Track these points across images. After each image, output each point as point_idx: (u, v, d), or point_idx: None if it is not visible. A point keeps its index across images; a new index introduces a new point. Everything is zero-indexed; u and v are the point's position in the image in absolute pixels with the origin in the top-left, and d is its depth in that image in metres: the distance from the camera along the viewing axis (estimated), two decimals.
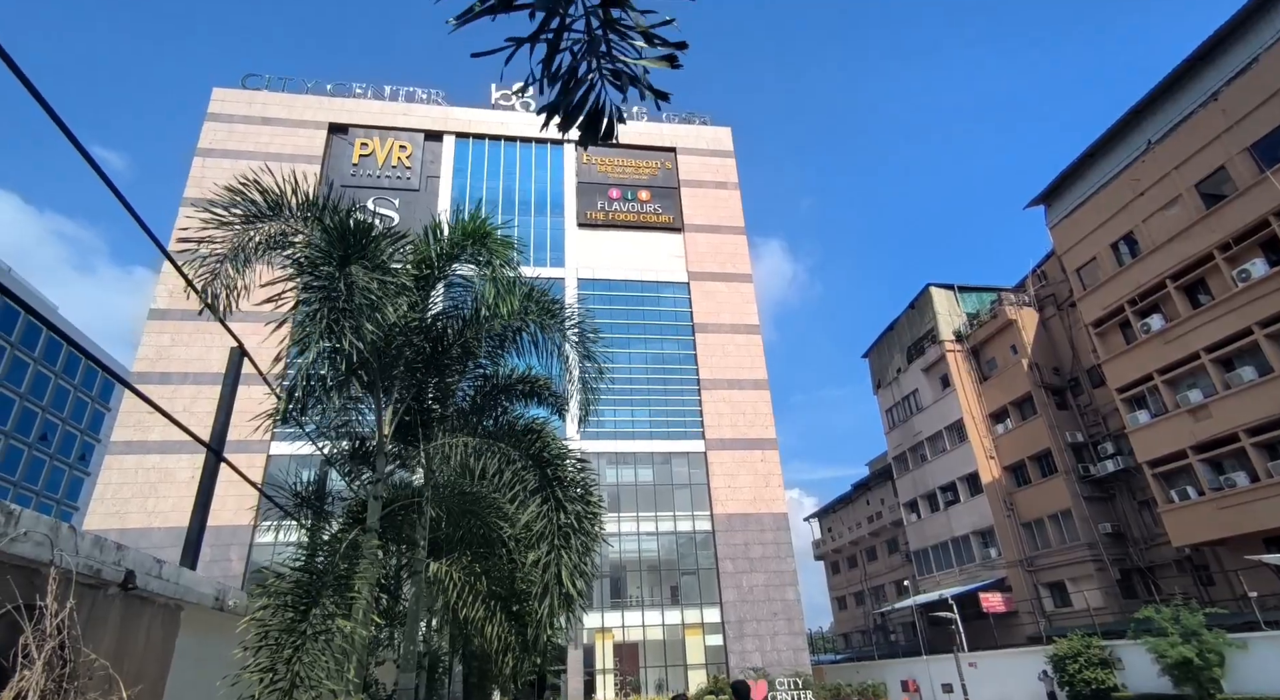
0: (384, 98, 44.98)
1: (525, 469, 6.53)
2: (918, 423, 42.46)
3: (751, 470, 39.48)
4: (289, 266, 6.40)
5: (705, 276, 44.55)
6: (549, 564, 5.90)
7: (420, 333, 7.63)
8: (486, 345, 8.77)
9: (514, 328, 8.51)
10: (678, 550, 38.31)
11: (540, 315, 8.49)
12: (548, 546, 5.97)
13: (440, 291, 8.40)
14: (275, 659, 4.71)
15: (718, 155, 48.83)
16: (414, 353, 7.54)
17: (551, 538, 6.03)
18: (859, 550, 55.83)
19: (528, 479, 6.44)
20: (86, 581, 4.22)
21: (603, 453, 39.40)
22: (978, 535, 37.49)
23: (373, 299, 5.96)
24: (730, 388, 41.25)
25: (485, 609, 6.47)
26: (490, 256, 7.75)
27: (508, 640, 6.33)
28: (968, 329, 40.13)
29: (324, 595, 5.02)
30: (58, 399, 52.10)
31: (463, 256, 7.93)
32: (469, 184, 44.50)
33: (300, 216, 6.50)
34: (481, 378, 9.28)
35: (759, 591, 37.02)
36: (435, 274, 7.84)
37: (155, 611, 4.99)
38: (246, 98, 41.90)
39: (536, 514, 6.11)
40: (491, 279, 7.59)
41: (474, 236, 7.90)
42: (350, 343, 5.78)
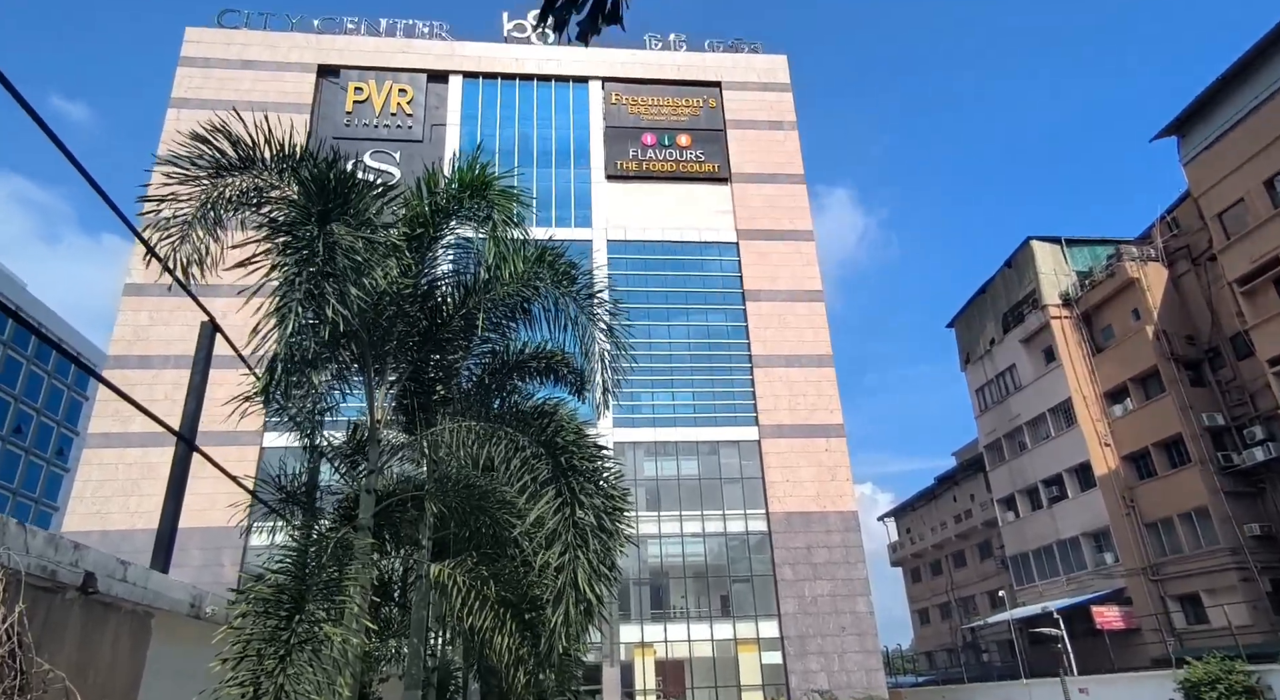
0: (379, 33, 45.15)
1: (536, 457, 6.46)
2: (1015, 404, 41.40)
3: (814, 461, 39.15)
4: (265, 227, 6.39)
5: (757, 234, 43.91)
6: (563, 566, 5.84)
7: (415, 302, 7.59)
8: (494, 316, 8.70)
9: (523, 296, 8.41)
10: (728, 554, 38.40)
11: (554, 280, 8.36)
12: (561, 546, 5.91)
13: (438, 255, 8.34)
14: (258, 672, 4.77)
15: (771, 89, 47.77)
16: (408, 325, 7.49)
17: (566, 536, 5.96)
18: (944, 555, 55.17)
19: (538, 468, 6.37)
20: (40, 584, 4.30)
21: (639, 442, 39.59)
22: (1089, 538, 36.59)
23: (358, 261, 5.90)
24: (788, 365, 40.81)
25: (494, 617, 6.47)
26: (491, 211, 7.61)
27: (519, 652, 6.32)
28: (1077, 290, 38.75)
29: (310, 600, 5.05)
30: (30, 387, 54.61)
31: (460, 212, 7.82)
32: (479, 132, 44.49)
33: (275, 168, 6.47)
34: (490, 354, 9.25)
35: (824, 602, 36.93)
36: (430, 233, 7.76)
37: (122, 619, 5.10)
38: (224, 38, 42.53)
39: (548, 509, 6.04)
40: (492, 237, 7.46)
41: (472, 188, 7.77)
42: (335, 311, 5.75)
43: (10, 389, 53.34)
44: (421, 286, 7.90)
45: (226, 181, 6.64)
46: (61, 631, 4.57)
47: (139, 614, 5.29)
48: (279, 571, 5.29)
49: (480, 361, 9.20)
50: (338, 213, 6.30)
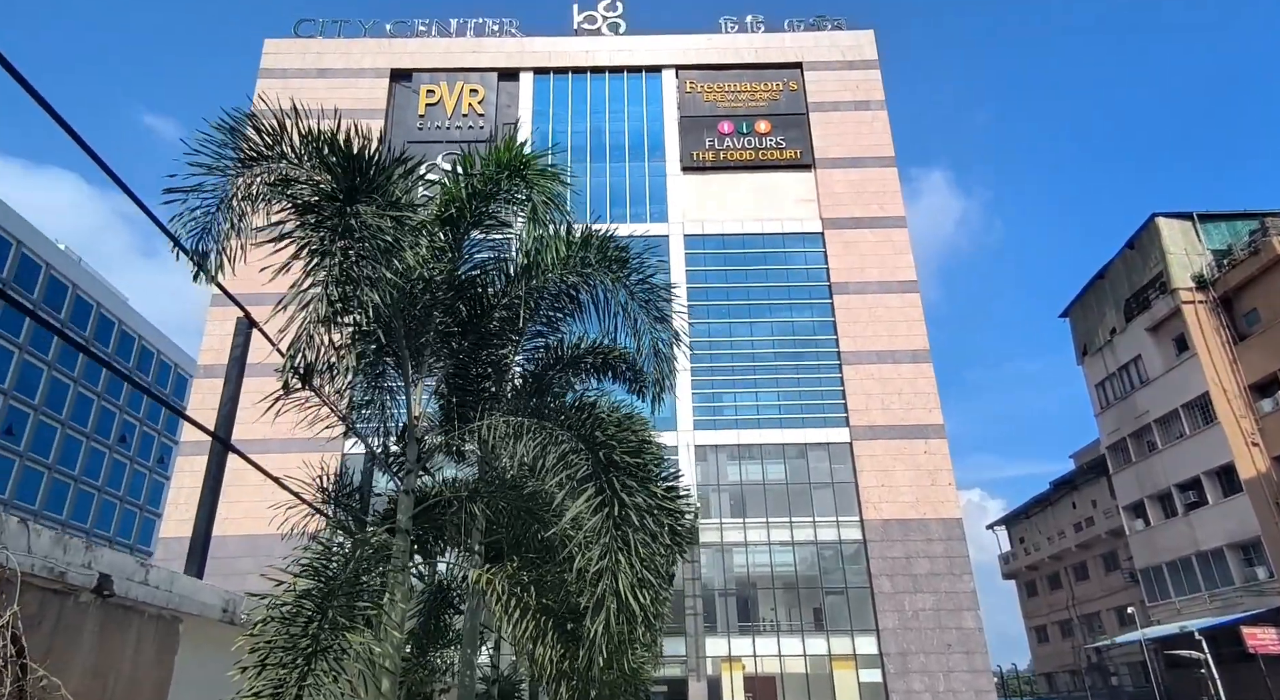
0: (450, 34, 46.24)
1: (575, 452, 6.11)
2: (1142, 399, 38.54)
3: (912, 464, 37.55)
4: (290, 212, 6.29)
5: (844, 223, 42.57)
6: (602, 572, 5.47)
7: (452, 290, 7.36)
8: (539, 306, 8.40)
9: (569, 283, 8.07)
10: (820, 564, 37.29)
11: (602, 265, 7.99)
12: (601, 549, 5.53)
13: (476, 240, 8.10)
14: (283, 679, 4.59)
15: (857, 67, 46.29)
16: (447, 315, 7.28)
17: (605, 538, 5.57)
18: (1063, 567, 52.08)
19: (577, 464, 6.01)
20: (47, 586, 4.22)
21: (722, 445, 38.97)
22: (1236, 549, 33.65)
23: (387, 241, 5.71)
24: (880, 361, 39.33)
25: (535, 626, 6.16)
26: (530, 192, 7.29)
27: (561, 665, 5.98)
28: (1214, 271, 35.75)
29: (333, 606, 4.85)
30: (134, 397, 58.66)
31: (498, 194, 7.56)
32: (551, 128, 44.95)
33: (303, 153, 6.36)
34: (543, 349, 8.96)
35: (926, 617, 35.32)
36: (467, 218, 7.51)
37: (146, 623, 5.03)
38: (300, 48, 44.49)
39: (587, 508, 5.67)
40: (531, 219, 7.14)
41: (510, 169, 7.49)
42: (364, 294, 5.58)
43: (115, 399, 57.44)
44: (460, 274, 7.67)
45: (255, 172, 6.59)
46: (76, 636, 4.50)
47: (165, 619, 5.22)
48: (302, 575, 5.12)
49: (532, 357, 8.93)
50: (364, 191, 6.12)
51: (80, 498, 53.80)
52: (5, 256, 47.09)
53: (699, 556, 37.17)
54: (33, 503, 49.48)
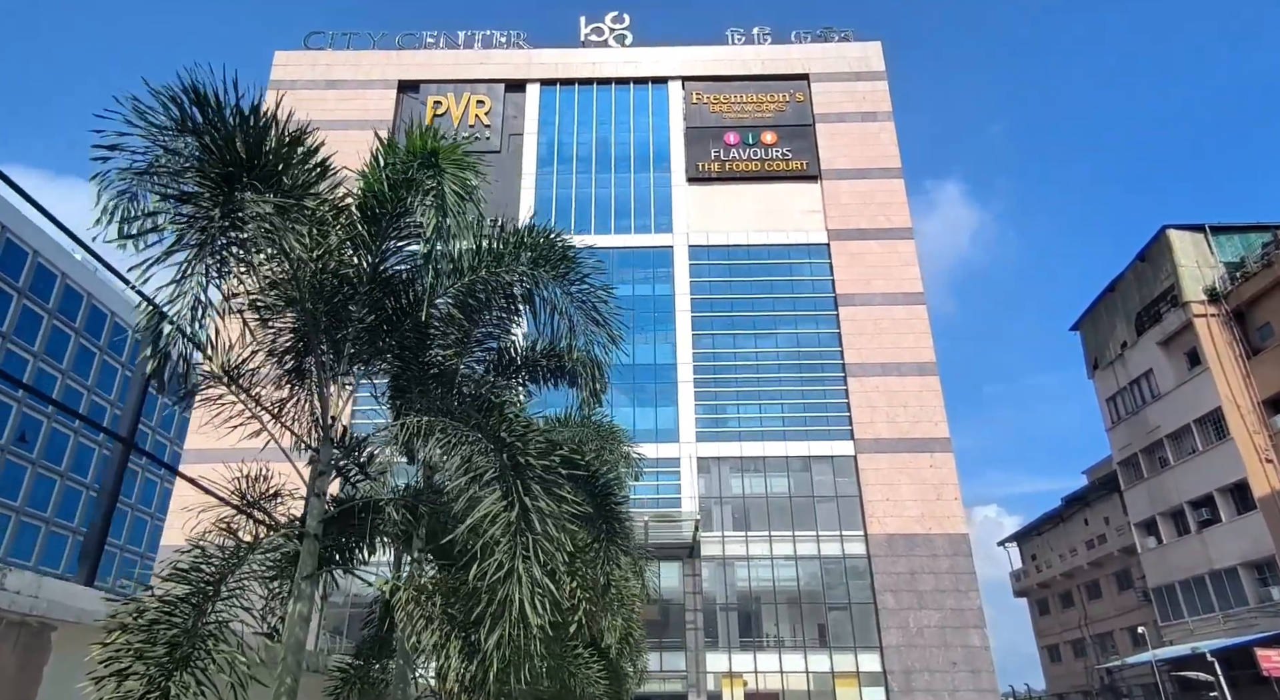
0: (458, 46, 46.38)
1: (483, 453, 5.69)
2: (1153, 414, 37.57)
3: (917, 478, 36.79)
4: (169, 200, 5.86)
5: (850, 234, 42.08)
6: (498, 581, 5.03)
7: (376, 285, 6.96)
8: (490, 308, 7.97)
9: (504, 282, 7.66)
10: (823, 579, 36.51)
11: (541, 266, 7.57)
12: (503, 555, 5.08)
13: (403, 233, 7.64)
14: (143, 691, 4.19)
15: (864, 79, 45.94)
16: (370, 310, 6.86)
17: (507, 542, 5.13)
18: (1075, 585, 50.83)
19: (484, 466, 5.57)
20: None
21: (725, 457, 38.40)
22: (1250, 568, 32.57)
23: (270, 227, 5.34)
24: (885, 374, 38.67)
25: (439, 636, 5.73)
26: (440, 182, 6.85)
27: (464, 678, 5.51)
28: (1226, 284, 34.86)
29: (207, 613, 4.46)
30: (149, 407, 59.07)
31: (411, 185, 7.13)
32: (557, 139, 44.90)
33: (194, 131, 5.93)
34: (494, 352, 8.54)
35: (931, 634, 34.44)
36: (390, 209, 7.10)
37: (5, 631, 4.66)
38: (310, 59, 44.77)
39: (491, 511, 5.24)
40: (434, 208, 6.64)
41: (422, 158, 7.08)
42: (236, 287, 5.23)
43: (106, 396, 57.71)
44: (385, 269, 7.25)
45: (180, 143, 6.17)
46: None
47: (31, 627, 4.84)
48: (169, 580, 4.74)
49: (483, 359, 8.51)
50: (251, 175, 5.73)
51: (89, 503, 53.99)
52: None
53: (700, 569, 36.58)
54: (44, 509, 49.72)
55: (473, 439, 5.82)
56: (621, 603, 9.96)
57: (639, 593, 12.23)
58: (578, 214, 43.13)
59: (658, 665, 35.00)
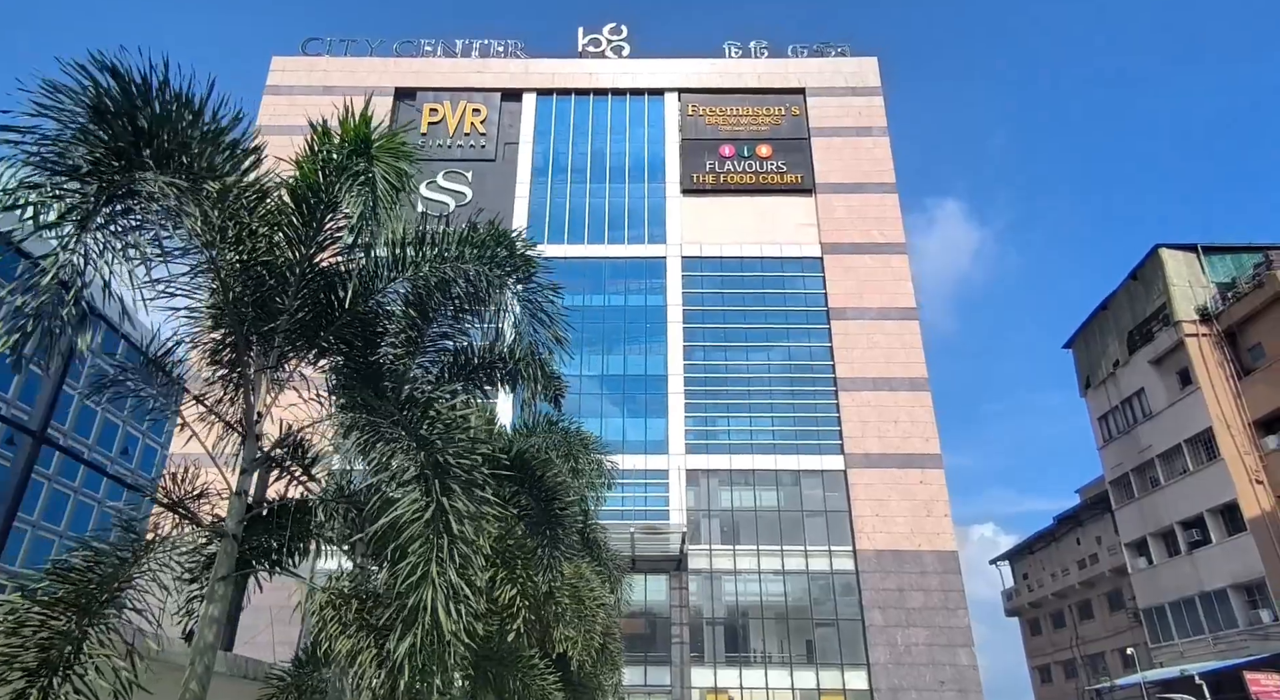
0: (455, 54, 46.49)
1: (405, 452, 5.51)
2: (1145, 434, 37.43)
3: (906, 494, 36.58)
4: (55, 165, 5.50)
5: (843, 248, 42.08)
6: (410, 586, 4.82)
7: (315, 279, 6.71)
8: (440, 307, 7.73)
9: (445, 279, 7.40)
10: (811, 595, 36.20)
11: (486, 263, 7.32)
12: (415, 557, 4.87)
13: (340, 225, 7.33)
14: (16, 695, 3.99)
15: (860, 94, 46.08)
16: (305, 305, 6.62)
17: (423, 546, 4.92)
18: (1067, 605, 50.50)
19: (400, 464, 5.38)
20: None
21: (715, 470, 38.17)
22: (1241, 591, 32.33)
23: (168, 207, 5.13)
24: (876, 388, 38.54)
25: (352, 643, 5.53)
26: (371, 170, 6.60)
27: (376, 688, 5.31)
28: (1218, 304, 34.82)
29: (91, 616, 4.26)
30: (137, 410, 58.59)
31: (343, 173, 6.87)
32: (552, 149, 44.94)
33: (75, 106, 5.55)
34: (449, 353, 8.32)
35: (919, 652, 34.12)
36: (324, 199, 6.85)
37: None
38: (307, 65, 44.84)
39: (408, 512, 5.04)
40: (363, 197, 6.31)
41: (355, 146, 6.84)
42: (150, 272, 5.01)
43: (118, 412, 57.38)
44: (320, 261, 6.99)
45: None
46: None
47: None
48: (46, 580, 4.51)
49: (437, 359, 8.29)
50: (156, 152, 5.41)
51: None
52: None
53: (687, 583, 36.27)
54: None
55: (392, 436, 5.62)
56: (583, 614, 9.73)
57: (609, 603, 11.97)
58: (571, 224, 43.13)
59: (642, 680, 34.66)
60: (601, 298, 41.82)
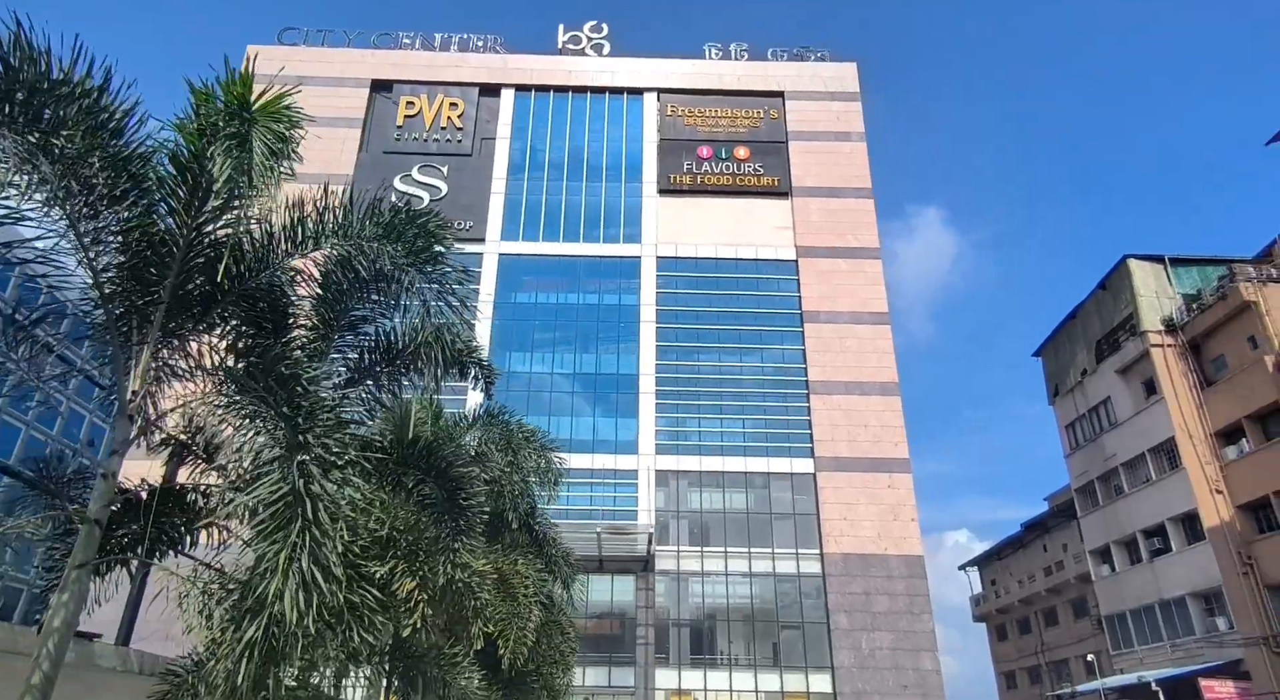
0: (434, 48, 46.16)
1: (271, 432, 5.29)
2: (1110, 442, 37.79)
3: (875, 498, 36.74)
4: None
5: (818, 252, 42.23)
6: (260, 575, 4.62)
7: (207, 250, 6.35)
8: (354, 288, 7.42)
9: (345, 256, 7.07)
10: (777, 598, 36.24)
11: (390, 241, 6.98)
12: (269, 542, 4.66)
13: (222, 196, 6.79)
14: None
15: (838, 98, 46.28)
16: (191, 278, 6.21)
17: (277, 530, 4.73)
18: (1033, 611, 50.88)
19: (261, 445, 5.18)
20: None
21: (684, 471, 38.13)
22: (1198, 599, 32.66)
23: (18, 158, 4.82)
24: (848, 392, 38.69)
25: (212, 633, 5.31)
26: (247, 132, 6.14)
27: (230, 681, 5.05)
28: (1183, 315, 35.22)
29: None
30: None
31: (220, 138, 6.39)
32: (529, 146, 44.74)
33: None
34: (372, 337, 8.04)
35: (883, 656, 34.26)
36: (208, 166, 6.41)
37: None
38: (283, 55, 44.25)
39: (267, 497, 4.85)
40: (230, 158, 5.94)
41: (232, 107, 6.38)
42: None
43: None
44: (209, 232, 6.55)
45: None
46: None
47: None
48: None
49: (357, 344, 8.04)
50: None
51: None
52: None
53: (654, 584, 36.18)
54: None
55: (258, 414, 5.32)
56: (515, 610, 9.56)
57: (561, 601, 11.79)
58: (547, 221, 42.94)
59: (606, 681, 34.53)
60: (576, 296, 41.70)
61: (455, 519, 7.28)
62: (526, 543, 12.32)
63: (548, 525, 13.26)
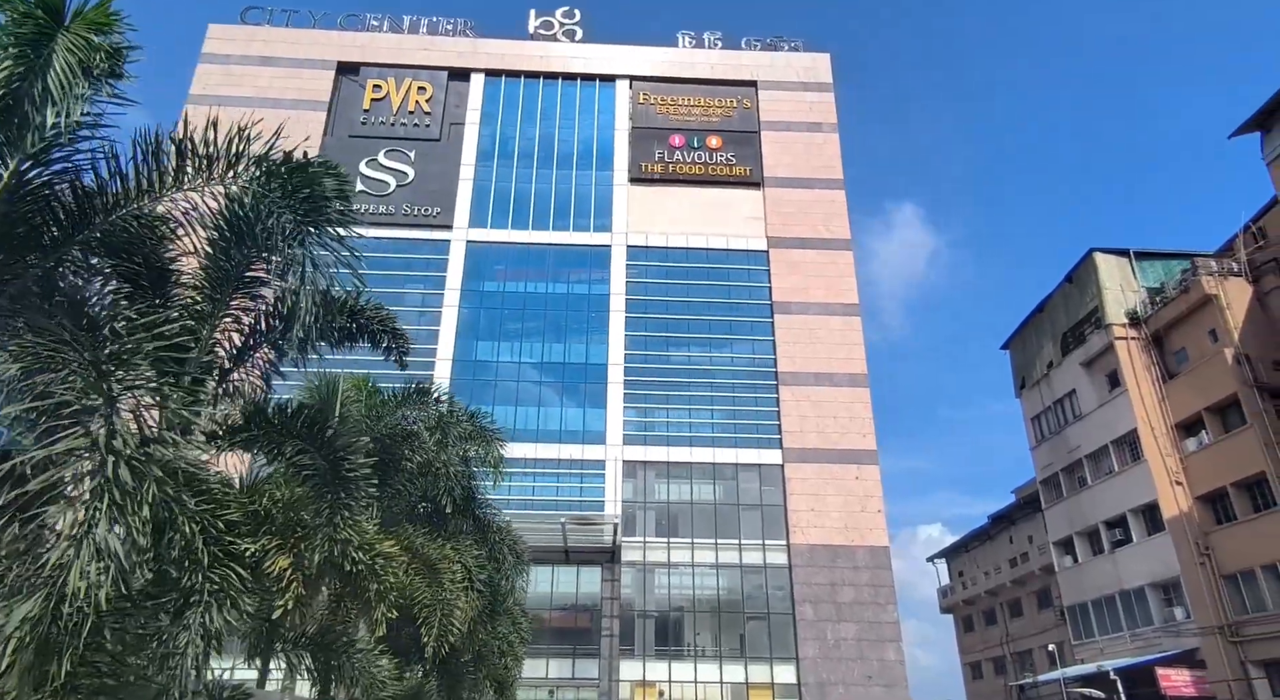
0: (402, 31, 45.36)
1: (76, 383, 4.67)
2: (1074, 435, 38.14)
3: (842, 490, 36.79)
4: None
5: (790, 242, 42.13)
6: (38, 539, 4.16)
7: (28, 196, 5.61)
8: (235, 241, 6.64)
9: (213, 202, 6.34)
10: (743, 589, 36.18)
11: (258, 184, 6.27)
12: (60, 507, 4.17)
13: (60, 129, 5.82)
14: None
15: (811, 89, 46.15)
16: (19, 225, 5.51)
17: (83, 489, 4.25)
18: (998, 603, 51.37)
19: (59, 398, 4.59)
20: None
21: (651, 462, 37.92)
22: (1157, 589, 33.10)
23: None
24: (817, 383, 38.67)
25: None
26: (49, 44, 5.13)
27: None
28: (1147, 309, 35.56)
29: None
30: None
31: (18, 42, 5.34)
32: (499, 132, 44.14)
33: None
34: (265, 301, 7.43)
35: (848, 647, 34.36)
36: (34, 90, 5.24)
37: None
38: (247, 34, 43.29)
39: (69, 454, 4.33)
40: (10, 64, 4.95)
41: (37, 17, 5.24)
42: None
43: None
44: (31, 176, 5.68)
45: None
46: None
47: None
48: None
49: (254, 308, 7.42)
50: None
51: None
52: None
53: (620, 575, 35.97)
54: None
55: (60, 362, 4.70)
56: (439, 597, 9.19)
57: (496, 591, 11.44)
58: (516, 208, 42.42)
59: (570, 672, 34.31)
60: (545, 285, 41.27)
61: (336, 491, 6.83)
62: (470, 529, 11.97)
63: (491, 512, 12.91)
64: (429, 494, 10.24)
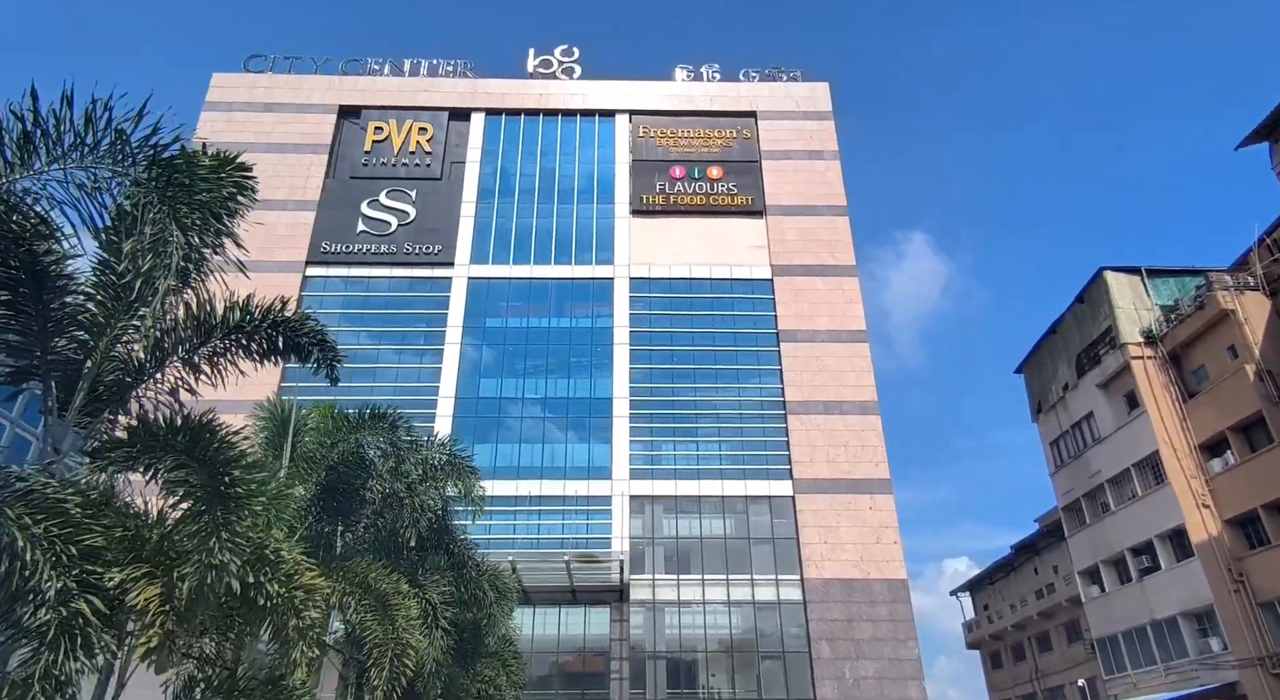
0: (403, 73, 45.97)
1: None
2: (1094, 458, 36.98)
3: (856, 521, 35.71)
4: None
5: (795, 271, 41.70)
6: None
7: None
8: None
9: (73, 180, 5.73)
10: (757, 627, 34.97)
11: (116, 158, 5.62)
12: None
13: None
14: None
15: (811, 118, 46.18)
16: None
17: None
18: (1025, 636, 49.59)
19: None
20: None
21: (659, 496, 37.07)
22: (1190, 618, 31.62)
23: None
24: (826, 412, 37.86)
25: None
26: None
27: None
28: (1162, 326, 34.66)
29: None
30: None
31: None
32: (499, 169, 44.34)
33: None
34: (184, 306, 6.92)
35: (869, 686, 32.96)
36: None
37: None
38: (249, 82, 44.02)
39: None
40: None
41: None
42: None
43: None
44: None
45: None
46: None
47: None
48: None
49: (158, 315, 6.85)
50: None
51: None
52: None
53: (629, 614, 34.89)
54: None
55: None
56: (393, 635, 8.57)
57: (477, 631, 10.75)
58: (517, 244, 42.38)
59: None
60: (547, 320, 40.98)
61: (213, 510, 6.20)
62: (446, 565, 11.37)
63: (466, 547, 12.30)
64: (396, 526, 9.72)
